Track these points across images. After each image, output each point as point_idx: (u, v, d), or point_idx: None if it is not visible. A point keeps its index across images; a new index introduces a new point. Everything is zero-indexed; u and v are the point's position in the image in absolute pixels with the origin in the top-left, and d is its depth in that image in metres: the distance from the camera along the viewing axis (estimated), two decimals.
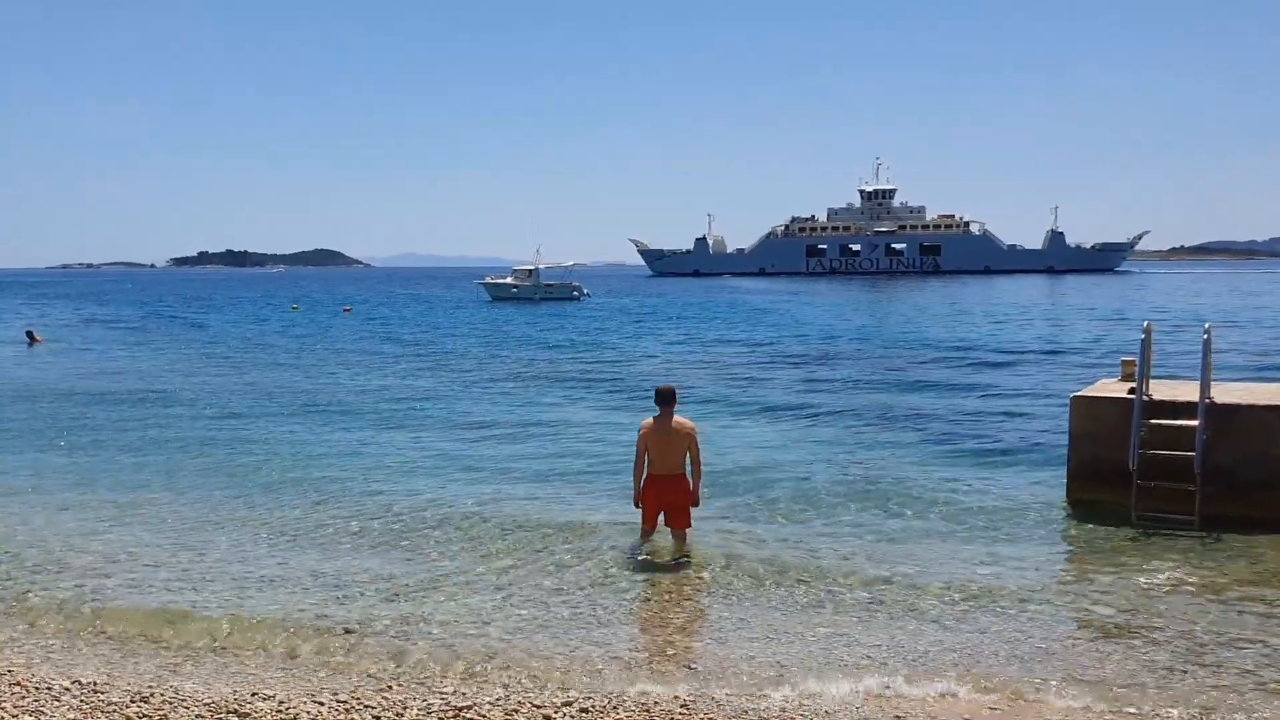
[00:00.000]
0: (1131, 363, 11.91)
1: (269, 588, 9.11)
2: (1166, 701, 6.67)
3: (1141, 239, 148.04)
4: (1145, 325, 11.43)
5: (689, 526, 10.00)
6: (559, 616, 8.37)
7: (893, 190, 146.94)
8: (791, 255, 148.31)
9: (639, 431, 9.79)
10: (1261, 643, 7.67)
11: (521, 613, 8.45)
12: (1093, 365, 25.64)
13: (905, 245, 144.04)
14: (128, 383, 25.44)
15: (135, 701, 6.48)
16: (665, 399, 9.74)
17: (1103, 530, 10.77)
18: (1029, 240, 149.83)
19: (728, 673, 7.18)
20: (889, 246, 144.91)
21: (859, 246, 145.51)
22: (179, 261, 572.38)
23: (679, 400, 9.92)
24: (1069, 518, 11.43)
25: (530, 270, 77.28)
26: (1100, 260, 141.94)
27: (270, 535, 10.81)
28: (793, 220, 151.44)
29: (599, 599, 8.80)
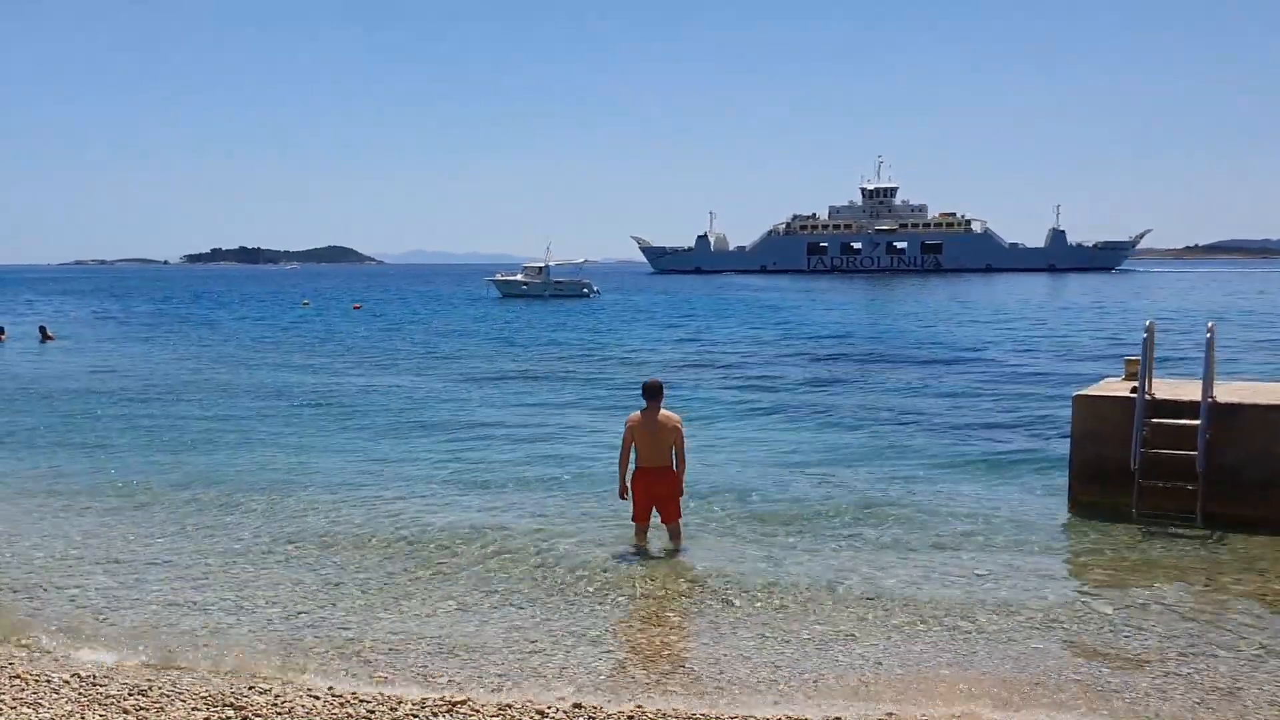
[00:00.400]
0: (1135, 361, 11.87)
1: (270, 587, 9.15)
2: (1167, 702, 6.66)
3: (1144, 237, 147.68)
4: (1148, 324, 11.39)
5: (679, 517, 10.13)
6: (555, 614, 8.40)
7: (894, 188, 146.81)
8: (793, 253, 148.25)
9: (626, 424, 9.94)
10: (1262, 643, 7.65)
11: (518, 610, 8.49)
12: (1094, 360, 25.59)
13: (906, 244, 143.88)
14: (137, 381, 25.60)
15: (133, 694, 6.55)
16: (653, 393, 9.91)
17: (1104, 529, 10.73)
18: (1031, 239, 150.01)
19: (723, 676, 7.18)
20: (890, 245, 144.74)
21: (860, 245, 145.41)
22: (192, 258, 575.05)
23: (664, 395, 10.04)
24: (1071, 516, 11.40)
25: (540, 267, 77.37)
26: (1102, 259, 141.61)
27: (272, 536, 10.84)
28: (794, 218, 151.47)
29: (595, 597, 8.82)
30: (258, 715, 6.20)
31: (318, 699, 6.51)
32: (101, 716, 6.17)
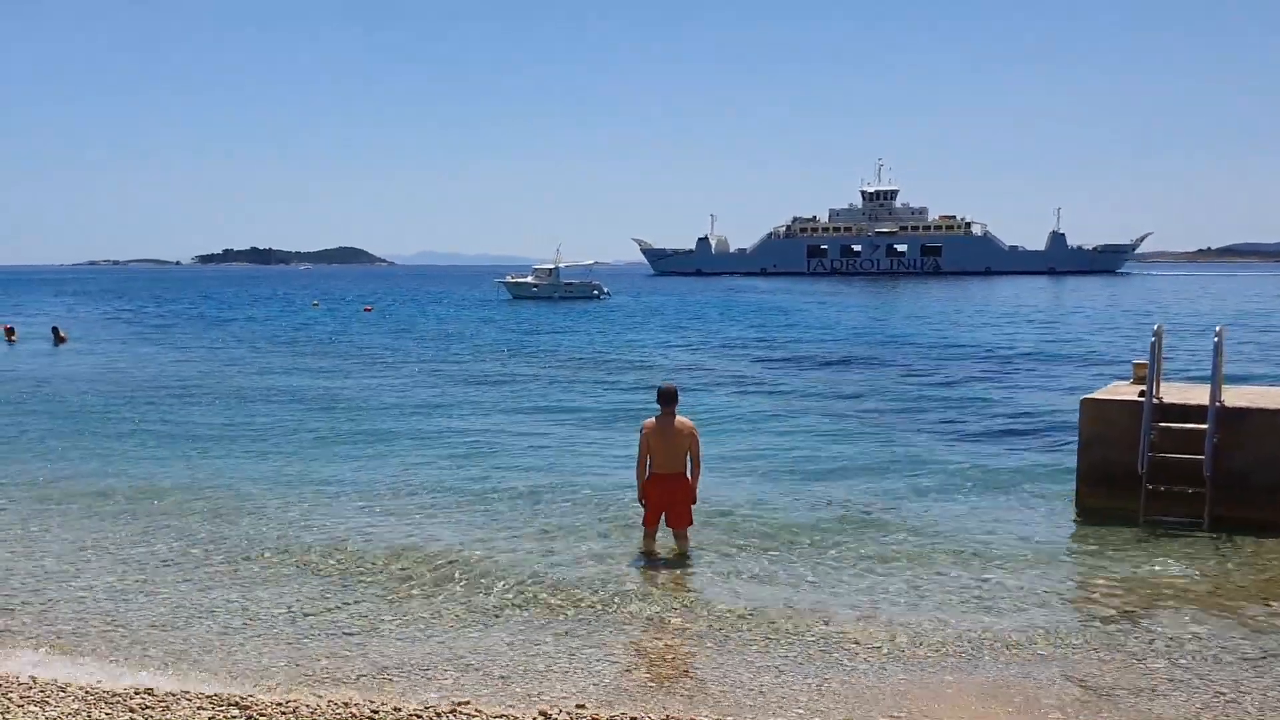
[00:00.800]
0: (1143, 365, 11.84)
1: (277, 589, 9.19)
2: (1172, 706, 6.65)
3: (1145, 240, 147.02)
4: (1156, 328, 11.36)
5: (690, 524, 10.09)
6: (560, 617, 8.42)
7: (894, 191, 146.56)
8: (793, 255, 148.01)
9: (641, 431, 9.88)
10: (1266, 648, 7.63)
11: (522, 614, 8.51)
12: (1093, 365, 25.51)
13: (906, 246, 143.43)
14: (148, 383, 25.75)
15: (139, 694, 6.60)
16: (668, 399, 9.83)
17: (1111, 533, 10.71)
18: (1031, 241, 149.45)
19: (726, 683, 7.19)
20: (890, 247, 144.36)
21: (860, 247, 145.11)
22: (204, 259, 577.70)
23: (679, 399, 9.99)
24: (1077, 520, 11.38)
25: (550, 269, 77.43)
26: (1101, 262, 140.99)
27: (281, 539, 10.88)
28: (794, 220, 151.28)
29: (601, 601, 8.83)
30: (262, 715, 6.23)
31: (322, 700, 6.54)
32: (108, 715, 6.22)
